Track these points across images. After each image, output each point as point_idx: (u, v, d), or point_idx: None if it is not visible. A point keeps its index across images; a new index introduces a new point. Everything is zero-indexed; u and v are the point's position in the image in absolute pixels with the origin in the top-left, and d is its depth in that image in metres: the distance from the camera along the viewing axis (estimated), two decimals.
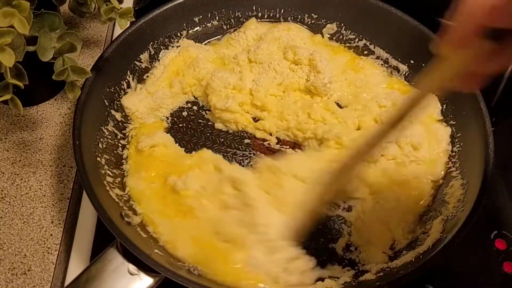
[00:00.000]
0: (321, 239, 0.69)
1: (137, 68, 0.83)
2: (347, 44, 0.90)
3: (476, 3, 0.39)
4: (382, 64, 0.87)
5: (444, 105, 0.80)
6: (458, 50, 0.43)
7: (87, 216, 0.74)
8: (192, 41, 0.88)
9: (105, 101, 0.77)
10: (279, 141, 0.79)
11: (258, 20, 0.91)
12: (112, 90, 0.79)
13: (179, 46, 0.87)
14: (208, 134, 0.80)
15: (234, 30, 0.91)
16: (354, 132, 0.77)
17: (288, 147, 0.79)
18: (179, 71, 0.85)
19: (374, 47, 0.88)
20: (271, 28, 0.89)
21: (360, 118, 0.78)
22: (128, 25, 0.76)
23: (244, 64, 0.85)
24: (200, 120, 0.81)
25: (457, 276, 0.70)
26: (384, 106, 0.79)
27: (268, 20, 0.92)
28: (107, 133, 0.75)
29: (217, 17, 0.90)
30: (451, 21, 0.41)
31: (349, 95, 0.83)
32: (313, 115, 0.78)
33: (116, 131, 0.77)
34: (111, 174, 0.71)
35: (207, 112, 0.82)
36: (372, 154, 0.67)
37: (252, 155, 0.77)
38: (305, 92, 0.83)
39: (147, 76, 0.84)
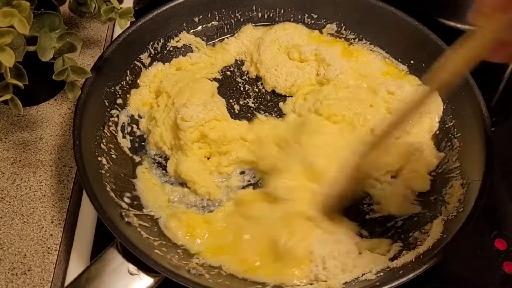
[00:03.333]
0: None
1: (137, 68, 0.83)
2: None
3: None
4: (371, 50, 0.88)
5: (444, 105, 0.80)
6: (492, 17, 0.44)
7: (87, 216, 0.74)
8: (193, 35, 0.89)
9: (105, 101, 0.77)
10: None
11: (256, 24, 0.92)
12: (112, 90, 0.79)
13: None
14: None
15: (231, 36, 0.91)
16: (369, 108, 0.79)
17: None
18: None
19: (374, 47, 0.88)
20: (266, 31, 0.90)
21: (371, 98, 0.80)
22: (128, 25, 0.76)
23: (252, 74, 0.87)
24: None
25: (457, 276, 0.70)
26: (392, 92, 0.80)
27: (267, 21, 0.92)
28: (107, 133, 0.75)
29: (217, 17, 0.90)
30: None
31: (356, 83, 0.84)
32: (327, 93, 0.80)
33: (116, 131, 0.77)
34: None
35: None
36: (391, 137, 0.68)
37: None
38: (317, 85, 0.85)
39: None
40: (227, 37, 0.91)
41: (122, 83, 0.81)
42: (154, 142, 0.77)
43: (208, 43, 0.90)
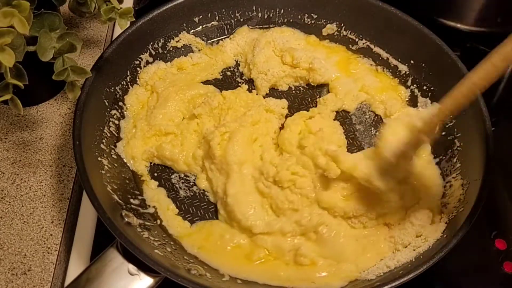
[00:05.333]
0: None
1: (138, 68, 0.83)
2: (344, 45, 0.91)
3: None
4: (372, 64, 0.88)
5: None
6: None
7: (87, 216, 0.74)
8: (193, 36, 0.89)
9: (105, 101, 0.77)
10: None
11: (253, 26, 0.92)
12: (112, 90, 0.79)
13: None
14: None
15: (226, 38, 0.91)
16: None
17: None
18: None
19: (374, 47, 0.88)
20: (263, 32, 0.90)
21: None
22: (128, 25, 0.76)
23: (247, 75, 0.87)
24: None
25: (457, 276, 0.70)
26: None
27: (267, 22, 0.92)
28: (107, 134, 0.75)
29: (217, 17, 0.90)
30: None
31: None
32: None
33: (116, 131, 0.77)
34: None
35: None
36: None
37: None
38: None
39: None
40: (222, 39, 0.91)
41: (122, 83, 0.81)
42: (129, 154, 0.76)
43: (208, 43, 0.90)
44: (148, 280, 0.59)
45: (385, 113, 0.82)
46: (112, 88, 0.79)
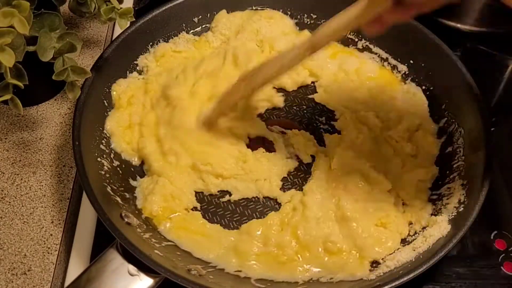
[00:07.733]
0: None
1: (137, 68, 0.83)
2: (344, 44, 0.90)
3: None
4: (374, 57, 0.88)
5: (444, 105, 0.80)
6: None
7: (87, 216, 0.74)
8: (192, 36, 0.88)
9: (105, 101, 0.77)
10: None
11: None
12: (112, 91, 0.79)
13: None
14: None
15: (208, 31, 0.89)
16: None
17: None
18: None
19: (374, 47, 0.88)
20: (250, 16, 0.87)
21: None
22: (128, 25, 0.76)
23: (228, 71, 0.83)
24: None
25: (457, 276, 0.70)
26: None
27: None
28: (107, 134, 0.75)
29: None
30: None
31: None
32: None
33: None
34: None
35: None
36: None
37: None
38: None
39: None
40: (204, 33, 0.89)
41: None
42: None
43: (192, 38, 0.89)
44: (148, 281, 0.59)
45: None
46: (112, 88, 0.79)
